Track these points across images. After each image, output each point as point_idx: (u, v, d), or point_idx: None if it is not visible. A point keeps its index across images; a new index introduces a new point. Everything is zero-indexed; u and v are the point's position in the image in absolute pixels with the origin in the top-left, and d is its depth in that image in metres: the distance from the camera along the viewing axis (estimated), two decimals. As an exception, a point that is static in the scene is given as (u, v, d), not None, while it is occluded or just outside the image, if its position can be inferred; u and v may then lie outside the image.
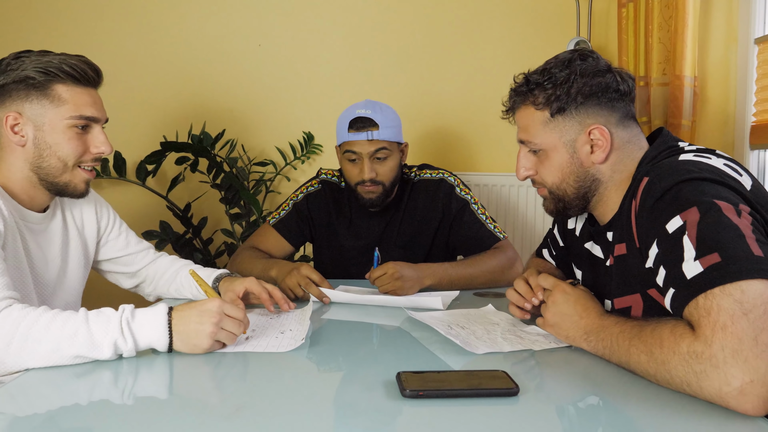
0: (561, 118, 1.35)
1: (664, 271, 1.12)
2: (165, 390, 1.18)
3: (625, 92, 1.34)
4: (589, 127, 1.34)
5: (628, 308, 1.33)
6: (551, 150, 1.38)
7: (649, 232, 1.18)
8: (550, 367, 1.24)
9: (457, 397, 1.05)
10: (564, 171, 1.38)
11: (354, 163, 2.11)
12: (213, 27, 3.24)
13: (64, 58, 1.52)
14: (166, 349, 1.27)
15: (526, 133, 1.41)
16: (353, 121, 2.06)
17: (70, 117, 1.52)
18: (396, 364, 1.26)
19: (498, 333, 1.43)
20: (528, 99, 1.39)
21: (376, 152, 2.07)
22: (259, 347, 1.34)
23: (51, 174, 1.55)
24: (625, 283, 1.33)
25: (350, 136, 2.06)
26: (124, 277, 1.84)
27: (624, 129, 1.35)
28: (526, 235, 3.25)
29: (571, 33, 3.19)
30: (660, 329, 1.07)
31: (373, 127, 2.05)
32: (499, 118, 3.19)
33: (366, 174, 2.08)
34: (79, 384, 1.15)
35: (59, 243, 1.65)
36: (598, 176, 1.37)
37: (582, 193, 1.39)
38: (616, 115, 1.35)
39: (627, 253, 1.31)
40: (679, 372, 1.01)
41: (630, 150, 1.36)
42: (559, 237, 1.70)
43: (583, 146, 1.35)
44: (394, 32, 3.26)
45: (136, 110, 3.22)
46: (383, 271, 1.84)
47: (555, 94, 1.34)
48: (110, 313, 1.25)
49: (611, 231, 1.39)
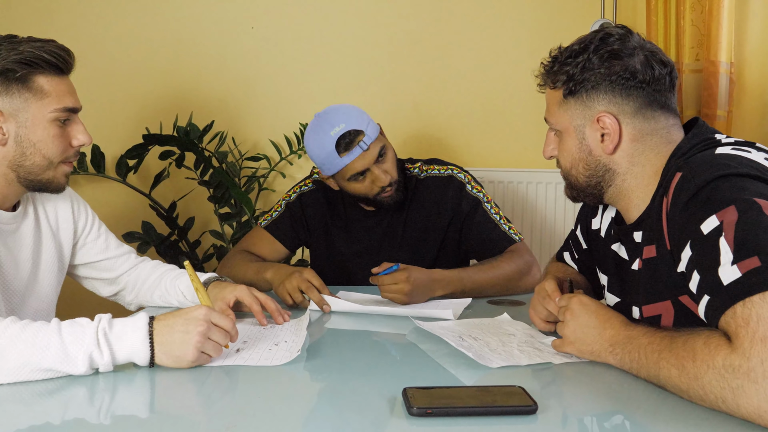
0: (572, 101, 1.38)
1: (698, 276, 1.11)
2: (146, 408, 1.17)
3: (646, 79, 1.33)
4: (597, 114, 1.35)
5: (657, 317, 1.32)
6: (565, 132, 1.41)
7: (682, 233, 1.18)
8: (571, 382, 1.23)
9: (470, 415, 1.05)
10: (574, 155, 1.41)
11: (362, 181, 2.08)
12: (201, 8, 3.24)
13: (41, 44, 1.52)
14: (147, 362, 1.26)
15: (547, 112, 1.45)
16: (338, 143, 2.00)
17: (54, 110, 1.53)
18: (402, 379, 1.25)
19: (514, 344, 1.43)
20: (550, 76, 1.42)
21: (378, 156, 2.05)
22: (250, 360, 1.34)
23: (33, 172, 1.55)
24: (655, 289, 1.32)
25: (345, 159, 2.01)
26: (103, 284, 1.84)
27: (644, 120, 1.35)
28: (544, 238, 3.24)
29: (595, 14, 3.17)
30: (693, 340, 1.06)
31: (359, 136, 2.01)
32: (515, 109, 3.19)
33: (384, 180, 2.06)
34: (50, 401, 1.15)
35: (31, 245, 1.65)
36: (612, 167, 1.38)
37: (594, 183, 1.41)
38: (633, 103, 1.34)
39: (657, 256, 1.30)
40: (714, 387, 1.00)
41: (654, 143, 1.35)
42: (582, 239, 1.69)
43: (593, 134, 1.37)
44: (401, 13, 3.25)
45: (116, 100, 3.22)
46: (394, 281, 1.83)
47: (568, 74, 1.36)
48: (85, 323, 1.25)
49: (640, 231, 1.38)
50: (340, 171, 2.05)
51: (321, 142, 2.02)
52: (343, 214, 2.25)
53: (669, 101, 1.37)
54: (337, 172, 2.06)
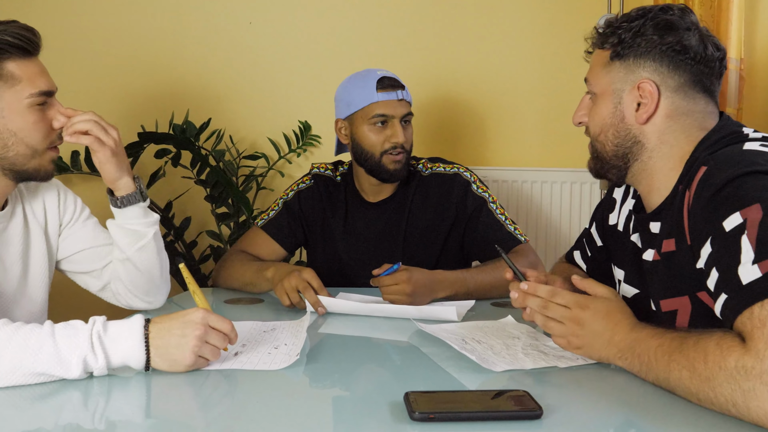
0: (618, 64, 1.38)
1: (717, 273, 1.12)
2: (141, 413, 1.17)
3: (697, 57, 1.33)
4: (640, 80, 1.35)
5: (674, 312, 1.32)
6: (601, 96, 1.42)
7: (703, 228, 1.18)
8: (577, 387, 1.23)
9: (473, 420, 1.05)
10: (605, 121, 1.41)
11: (382, 128, 2.14)
12: (198, 2, 3.24)
13: (3, 27, 1.50)
14: (143, 366, 1.26)
15: (589, 72, 1.46)
16: (381, 80, 2.12)
17: (30, 95, 1.52)
18: (404, 383, 1.25)
19: (518, 348, 1.43)
20: (599, 38, 1.43)
21: (406, 115, 2.15)
22: (249, 364, 1.33)
23: (18, 163, 1.55)
24: (673, 283, 1.32)
25: (381, 96, 2.11)
26: (92, 278, 1.81)
27: (684, 98, 1.35)
28: (550, 239, 3.24)
29: (601, 9, 3.17)
30: (705, 341, 1.06)
31: (400, 87, 2.15)
32: (520, 106, 3.19)
33: (400, 137, 2.12)
34: (44, 406, 1.15)
35: (20, 245, 1.64)
36: (641, 139, 1.38)
37: (621, 153, 1.40)
38: (677, 78, 1.34)
39: (676, 250, 1.30)
40: (725, 390, 1.00)
41: (687, 124, 1.35)
42: (597, 236, 1.69)
43: (630, 101, 1.37)
44: (402, 7, 3.25)
45: (110, 97, 3.22)
46: (394, 281, 1.83)
47: (620, 37, 1.37)
48: (79, 325, 1.25)
49: (658, 222, 1.38)
50: (367, 106, 2.13)
51: (364, 77, 2.15)
52: (344, 206, 2.25)
53: (713, 86, 1.37)
54: (364, 107, 2.13)
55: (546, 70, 3.27)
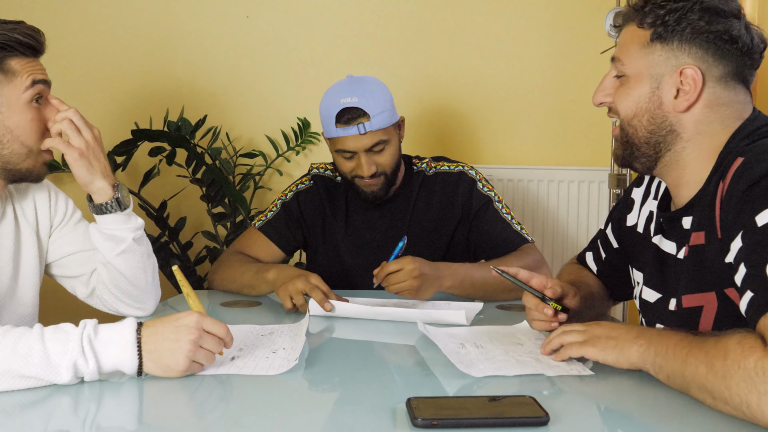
0: (659, 46, 1.34)
1: (745, 269, 1.11)
2: (134, 419, 1.16)
3: (744, 48, 1.32)
4: (684, 65, 1.32)
5: (699, 309, 1.30)
6: (634, 78, 1.38)
7: (736, 221, 1.17)
8: (584, 393, 1.23)
9: (478, 427, 1.04)
10: (640, 105, 1.37)
11: (349, 159, 2.12)
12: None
13: (13, 26, 1.53)
14: (135, 371, 1.26)
15: (621, 51, 1.41)
16: (340, 114, 2.05)
17: (26, 88, 1.53)
18: (406, 389, 1.25)
19: (516, 354, 1.41)
20: (638, 15, 1.38)
21: (373, 146, 2.08)
22: (245, 369, 1.33)
23: (11, 162, 1.56)
24: (700, 278, 1.30)
25: (339, 131, 2.07)
26: (80, 283, 1.80)
27: (725, 88, 1.33)
28: (557, 241, 3.24)
29: (609, 3, 3.17)
30: (726, 340, 1.06)
31: (363, 118, 2.05)
32: (526, 103, 3.18)
33: (364, 171, 2.09)
34: (33, 412, 1.15)
35: (11, 247, 1.64)
36: (677, 128, 1.35)
37: (654, 142, 1.37)
38: (722, 68, 1.32)
39: (705, 244, 1.29)
40: (741, 389, 1.00)
41: (725, 115, 1.33)
42: (612, 237, 1.68)
43: (670, 87, 1.34)
44: (405, 1, 3.25)
45: (103, 93, 3.22)
46: (400, 266, 1.82)
47: (663, 18, 1.33)
48: (69, 329, 1.24)
49: (689, 216, 1.36)
50: (331, 139, 2.12)
51: (328, 104, 2.10)
52: (344, 207, 2.26)
53: (750, 77, 1.36)
54: (329, 138, 2.13)
55: (553, 66, 3.26)
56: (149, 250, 1.76)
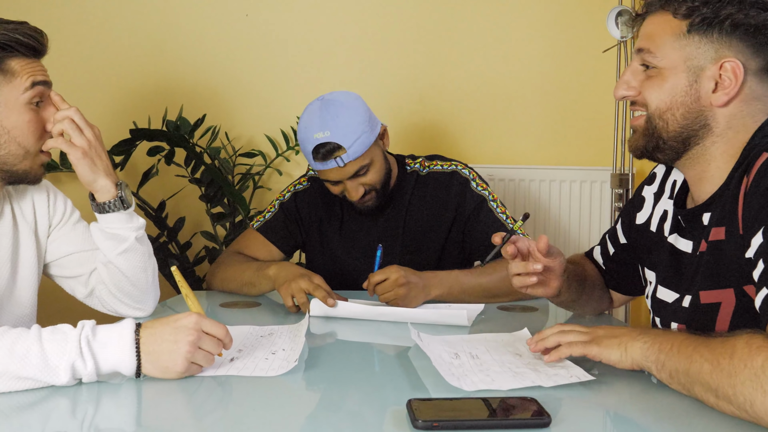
0: (698, 38, 1.31)
1: (763, 266, 1.10)
2: (132, 421, 1.16)
3: None
4: (724, 59, 1.29)
5: (716, 305, 1.29)
6: (669, 70, 1.34)
7: (758, 216, 1.16)
8: (587, 395, 1.23)
9: (478, 428, 1.04)
10: (675, 98, 1.33)
11: (335, 185, 2.11)
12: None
13: (14, 26, 1.53)
14: (134, 373, 1.26)
15: (650, 42, 1.36)
16: (315, 150, 2.02)
17: (26, 89, 1.53)
18: (406, 390, 1.25)
19: (513, 366, 1.36)
20: (670, 4, 1.34)
21: (356, 173, 2.06)
22: (245, 370, 1.33)
23: (8, 162, 1.56)
24: (718, 274, 1.29)
25: (318, 165, 2.05)
26: (79, 284, 1.80)
27: (759, 82, 1.31)
28: (558, 241, 3.22)
29: (610, 3, 3.17)
30: (733, 340, 1.05)
31: (339, 152, 2.01)
32: (525, 102, 3.17)
33: (352, 196, 2.09)
34: (30, 414, 1.15)
35: (9, 247, 1.64)
36: (710, 122, 1.32)
37: (685, 136, 1.34)
38: (760, 62, 1.30)
39: (725, 239, 1.27)
40: (746, 388, 0.99)
41: (756, 109, 1.32)
42: (621, 233, 1.67)
43: (708, 80, 1.31)
44: (403, 1, 3.25)
45: (101, 91, 3.22)
46: (385, 275, 1.82)
47: (702, 8, 1.29)
48: (67, 330, 1.24)
49: (709, 212, 1.34)
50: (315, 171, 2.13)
51: (302, 138, 2.07)
52: (339, 211, 2.26)
53: None
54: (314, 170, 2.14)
55: (554, 66, 3.26)
56: (150, 251, 1.77)
